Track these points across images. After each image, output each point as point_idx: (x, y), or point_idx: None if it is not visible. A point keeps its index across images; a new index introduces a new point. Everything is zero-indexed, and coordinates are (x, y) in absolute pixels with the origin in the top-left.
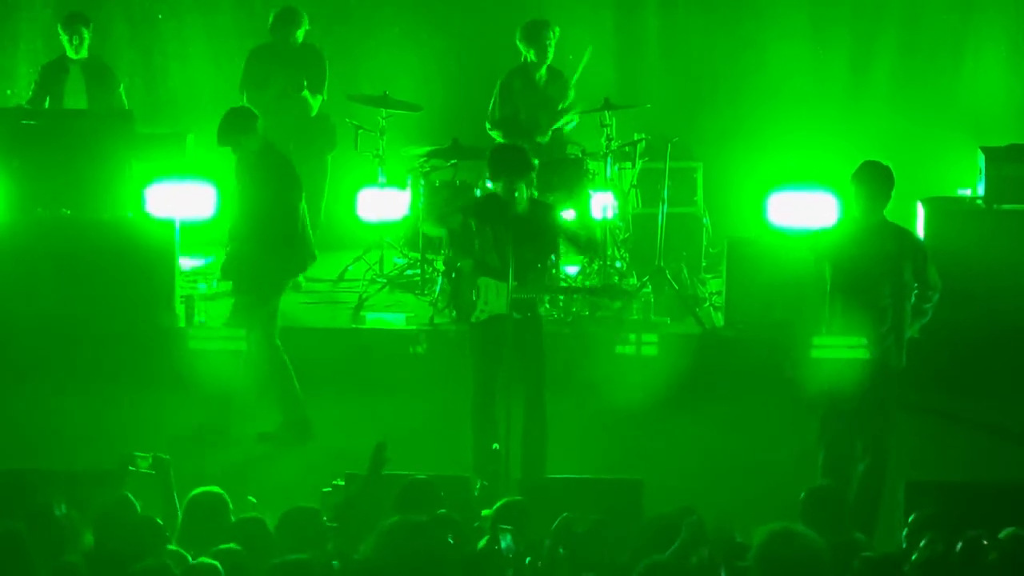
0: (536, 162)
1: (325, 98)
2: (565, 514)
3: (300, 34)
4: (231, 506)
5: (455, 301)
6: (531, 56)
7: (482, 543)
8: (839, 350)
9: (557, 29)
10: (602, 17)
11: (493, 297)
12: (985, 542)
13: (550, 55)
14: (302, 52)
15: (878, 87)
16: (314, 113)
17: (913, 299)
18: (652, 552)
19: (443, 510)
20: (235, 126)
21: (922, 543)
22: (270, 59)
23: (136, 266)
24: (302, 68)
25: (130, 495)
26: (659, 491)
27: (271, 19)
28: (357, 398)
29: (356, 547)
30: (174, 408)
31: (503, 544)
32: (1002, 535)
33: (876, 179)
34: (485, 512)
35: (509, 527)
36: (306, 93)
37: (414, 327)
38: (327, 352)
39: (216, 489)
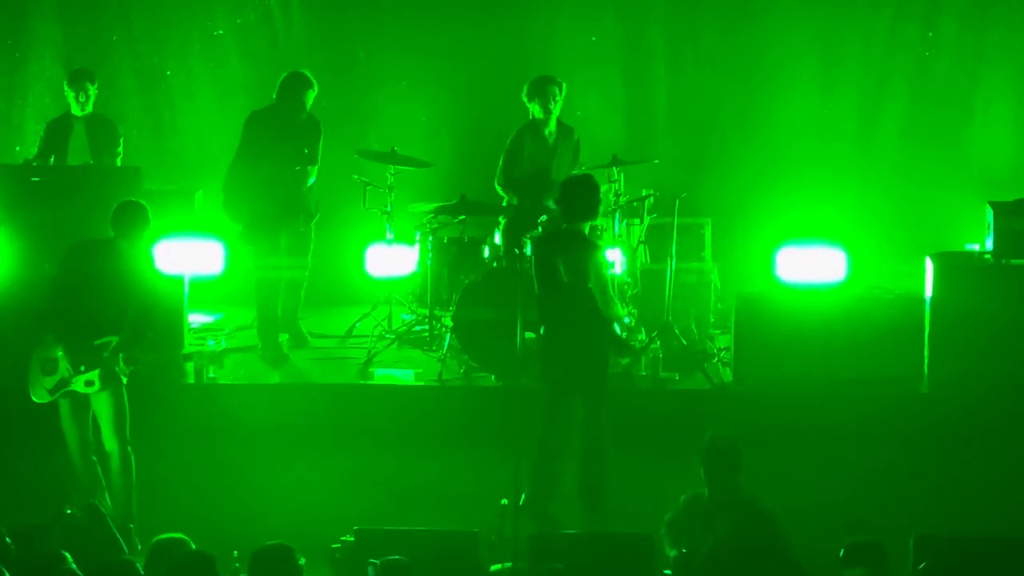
0: (544, 219)
1: (319, 167)
2: None
3: (309, 103)
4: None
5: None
6: (537, 113)
7: None
8: None
9: (564, 84)
10: (610, 73)
11: None
12: None
13: (556, 111)
14: (304, 122)
15: (886, 142)
16: (309, 184)
17: None
18: None
19: None
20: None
21: None
22: (271, 127)
23: None
24: (302, 139)
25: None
26: None
27: (279, 84)
28: (365, 454)
29: None
30: (182, 462)
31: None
32: None
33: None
34: (494, 567)
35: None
36: (308, 168)
37: (423, 383)
38: (335, 408)
39: (178, 535)
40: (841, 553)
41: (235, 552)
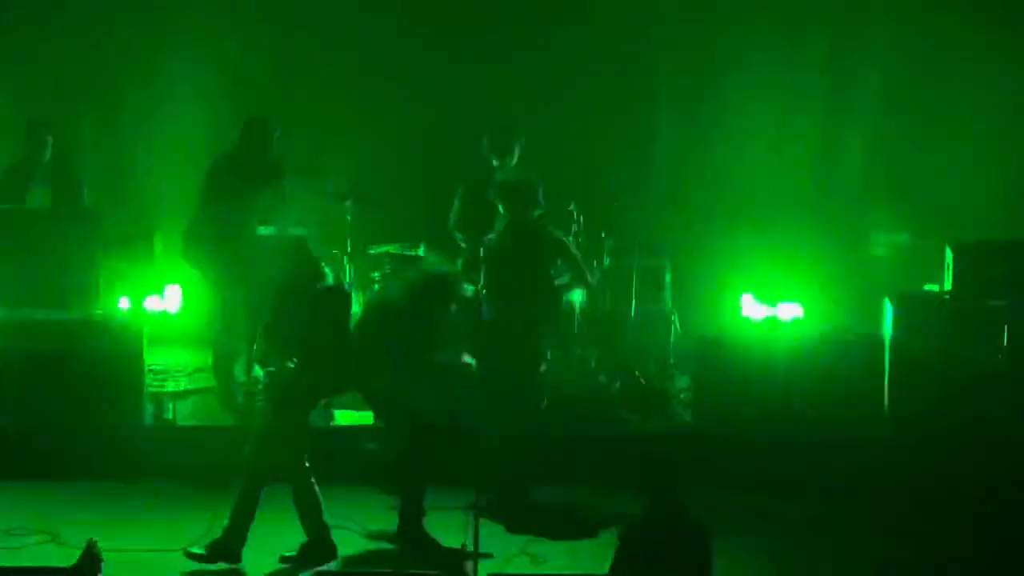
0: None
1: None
2: None
3: (273, 147)
4: None
5: None
6: (493, 164)
7: None
8: None
9: (523, 138)
10: (570, 116)
11: None
12: None
13: (512, 163)
14: (268, 166)
15: (845, 183)
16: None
17: None
18: None
19: None
20: None
21: None
22: (235, 172)
23: (103, 364)
24: (267, 183)
25: None
26: None
27: (243, 128)
28: (325, 495)
29: None
30: (140, 506)
31: None
32: None
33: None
34: None
35: None
36: (273, 212)
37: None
38: None
39: None
40: None
41: None
